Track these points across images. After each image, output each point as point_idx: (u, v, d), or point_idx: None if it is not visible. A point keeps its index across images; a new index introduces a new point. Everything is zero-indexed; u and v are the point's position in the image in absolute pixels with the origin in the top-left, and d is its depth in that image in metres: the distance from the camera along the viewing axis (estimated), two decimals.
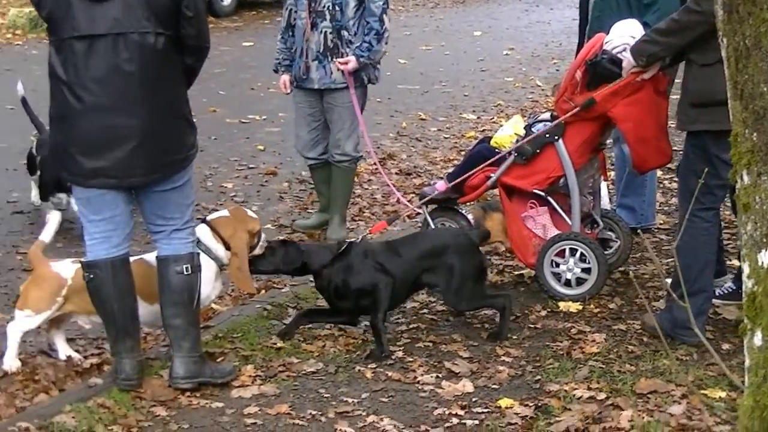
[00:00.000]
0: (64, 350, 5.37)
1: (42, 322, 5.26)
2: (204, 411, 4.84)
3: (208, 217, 5.51)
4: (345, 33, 7.07)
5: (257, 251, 5.53)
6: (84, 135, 4.76)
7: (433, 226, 6.67)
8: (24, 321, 5.22)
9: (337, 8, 7.03)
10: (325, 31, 7.07)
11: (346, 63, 7.06)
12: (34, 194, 7.82)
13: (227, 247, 5.37)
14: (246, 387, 5.04)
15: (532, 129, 6.41)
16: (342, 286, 5.58)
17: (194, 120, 5.08)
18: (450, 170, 8.50)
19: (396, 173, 9.47)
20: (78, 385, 5.05)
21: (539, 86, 13.80)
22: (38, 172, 7.67)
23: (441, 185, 6.69)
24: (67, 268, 5.25)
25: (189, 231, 5.05)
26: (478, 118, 11.94)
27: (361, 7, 7.07)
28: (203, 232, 5.36)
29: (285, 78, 7.34)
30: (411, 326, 5.87)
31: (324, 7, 7.03)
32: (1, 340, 5.38)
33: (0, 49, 15.52)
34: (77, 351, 5.49)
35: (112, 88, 4.70)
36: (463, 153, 10.09)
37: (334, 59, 7.08)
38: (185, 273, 4.96)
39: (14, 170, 8.88)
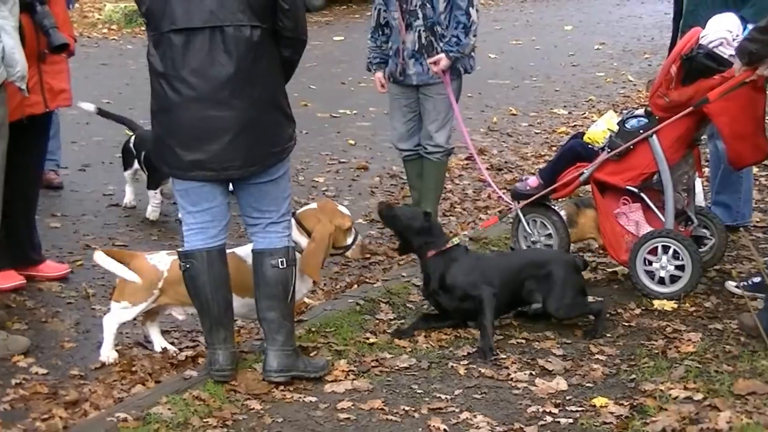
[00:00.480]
0: (159, 342, 5.44)
1: (138, 314, 5.33)
2: (297, 405, 4.86)
3: (297, 211, 5.54)
4: (438, 28, 7.05)
5: (352, 251, 5.55)
6: (182, 128, 4.81)
7: (524, 222, 6.64)
8: (120, 313, 5.30)
9: (428, 6, 7.02)
10: (419, 30, 7.06)
11: (437, 62, 7.05)
12: (129, 197, 7.93)
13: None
14: (339, 382, 5.05)
15: (626, 125, 6.33)
16: (447, 276, 5.69)
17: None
18: (541, 166, 8.49)
19: (487, 168, 9.38)
20: (173, 377, 5.10)
21: (631, 81, 13.66)
22: (134, 167, 7.77)
23: (533, 181, 6.65)
24: (163, 260, 5.32)
25: (285, 224, 5.06)
26: (569, 113, 11.85)
27: (450, 2, 7.05)
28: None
29: (379, 75, 7.34)
30: (503, 323, 5.84)
31: (415, 5, 7.02)
32: (98, 331, 5.48)
33: (96, 43, 15.77)
34: (172, 343, 5.56)
35: (209, 80, 4.73)
36: (554, 148, 10.04)
37: (429, 56, 7.07)
38: (280, 267, 4.98)
39: (110, 163, 9.01)
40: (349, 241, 5.54)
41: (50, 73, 6.05)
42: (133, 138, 7.95)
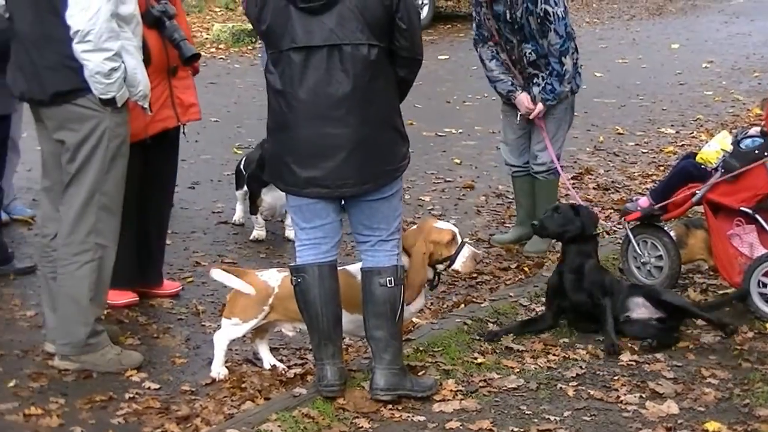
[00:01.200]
0: (268, 359, 5.48)
1: (248, 330, 5.38)
2: (406, 424, 4.86)
3: None
4: (539, 64, 7.19)
5: (459, 263, 5.46)
6: (298, 145, 4.87)
7: (634, 243, 6.57)
8: (231, 329, 5.35)
9: (530, 54, 7.15)
10: (527, 71, 7.24)
11: (532, 110, 7.17)
12: (238, 215, 8.02)
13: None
14: (447, 401, 5.04)
15: (741, 145, 6.23)
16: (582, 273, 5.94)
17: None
18: (651, 185, 8.39)
19: (593, 188, 9.36)
20: (283, 395, 5.14)
21: (740, 100, 13.42)
22: (245, 188, 7.86)
23: (644, 201, 6.58)
24: (274, 277, 5.36)
25: (394, 243, 5.07)
26: (677, 132, 11.69)
27: (546, 46, 7.11)
28: None
29: (522, 96, 7.34)
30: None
31: (515, 50, 7.19)
32: (208, 348, 5.54)
33: (204, 62, 15.88)
34: (280, 361, 5.59)
35: (326, 98, 4.79)
36: (662, 168, 9.92)
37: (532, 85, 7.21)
38: (388, 285, 4.99)
39: (218, 181, 9.12)
40: (454, 253, 5.42)
41: (180, 88, 6.15)
42: (244, 158, 8.04)
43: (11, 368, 5.39)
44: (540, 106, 7.17)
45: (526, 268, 7.19)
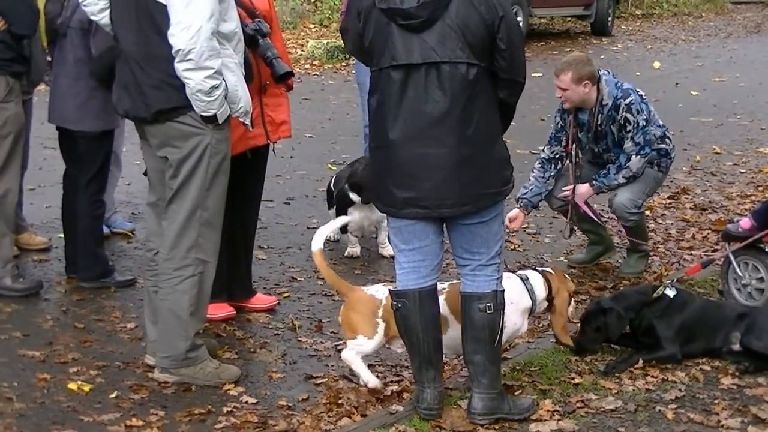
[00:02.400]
0: (366, 376, 5.48)
1: (377, 346, 5.42)
2: None
3: (541, 268, 5.78)
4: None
5: (571, 312, 5.76)
6: (397, 165, 4.86)
7: (735, 265, 6.47)
8: (361, 348, 5.37)
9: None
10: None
11: (575, 191, 7.18)
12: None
13: (548, 298, 5.57)
14: (544, 422, 5.00)
15: None
16: (651, 329, 5.82)
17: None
18: (748, 206, 8.27)
19: (690, 208, 9.26)
20: (380, 412, 5.14)
21: None
22: (334, 207, 7.90)
23: (745, 222, 6.48)
24: (381, 290, 5.40)
25: (494, 268, 5.02)
26: None
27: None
28: (535, 276, 5.58)
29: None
30: (712, 364, 5.69)
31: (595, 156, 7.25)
32: (304, 363, 5.58)
33: (299, 78, 16.09)
34: (376, 377, 5.60)
35: (423, 117, 4.77)
36: (760, 189, 9.77)
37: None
38: (487, 312, 4.96)
39: (313, 197, 9.19)
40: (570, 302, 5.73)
41: (271, 106, 6.21)
42: (333, 178, 8.08)
43: (113, 379, 5.47)
44: (587, 188, 7.14)
45: (621, 288, 7.13)
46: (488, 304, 4.95)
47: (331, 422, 5.06)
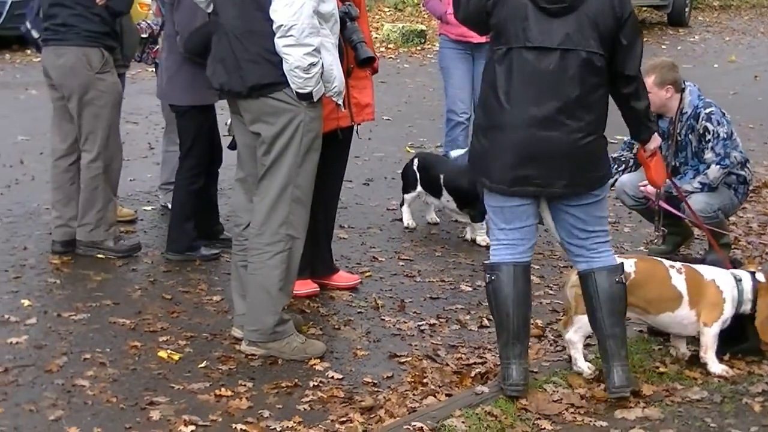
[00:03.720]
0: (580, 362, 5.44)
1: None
2: (588, 428, 4.87)
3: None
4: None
5: None
6: (515, 145, 4.93)
7: None
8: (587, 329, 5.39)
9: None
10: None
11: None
12: (407, 220, 8.01)
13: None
14: (630, 408, 5.02)
15: None
16: None
17: None
18: None
19: None
20: (465, 392, 5.18)
21: None
22: (416, 190, 7.93)
23: None
24: (627, 263, 5.39)
25: (610, 242, 5.22)
26: None
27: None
28: (746, 275, 5.57)
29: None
30: None
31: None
32: (387, 342, 5.63)
33: None
34: (459, 358, 5.65)
35: (551, 101, 4.87)
36: None
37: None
38: (622, 282, 5.12)
39: (392, 179, 9.23)
40: None
41: (357, 88, 6.26)
42: (416, 160, 8.09)
43: (201, 350, 5.57)
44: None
45: None
46: (621, 276, 5.11)
47: (416, 400, 5.11)
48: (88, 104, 6.70)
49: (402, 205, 8.10)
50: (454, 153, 8.27)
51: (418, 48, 17.03)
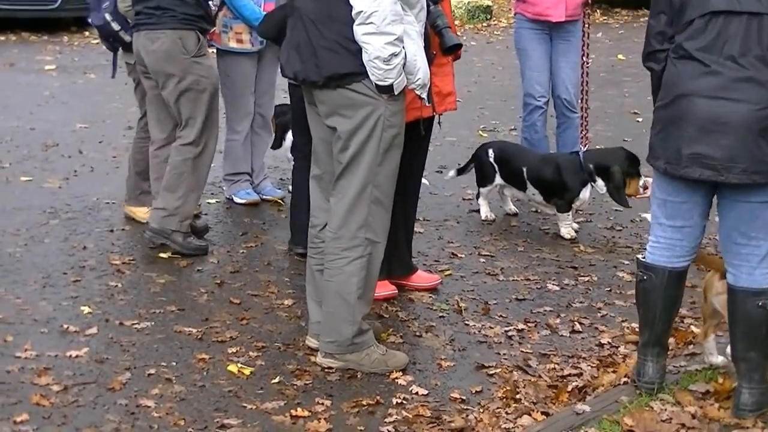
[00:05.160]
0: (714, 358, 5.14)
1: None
2: None
3: None
4: None
5: None
6: (691, 118, 4.47)
7: None
8: None
9: None
10: None
11: None
12: (485, 212, 7.60)
13: None
14: (747, 429, 4.56)
15: None
16: None
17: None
18: None
19: None
20: (563, 411, 4.73)
21: None
22: (494, 183, 7.48)
23: None
24: None
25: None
26: None
27: None
28: None
29: None
30: None
31: None
32: (473, 350, 5.23)
33: None
34: (552, 369, 5.21)
35: (737, 69, 4.40)
36: None
37: None
38: (765, 308, 4.60)
39: None
40: None
41: (438, 75, 5.78)
42: (491, 151, 7.62)
43: (273, 362, 5.16)
44: None
45: None
46: (766, 301, 4.60)
47: (510, 420, 4.67)
48: (186, 90, 6.42)
49: (478, 197, 7.68)
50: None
51: (484, 24, 16.55)
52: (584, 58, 8.19)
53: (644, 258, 4.85)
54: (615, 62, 14.41)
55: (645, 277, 4.81)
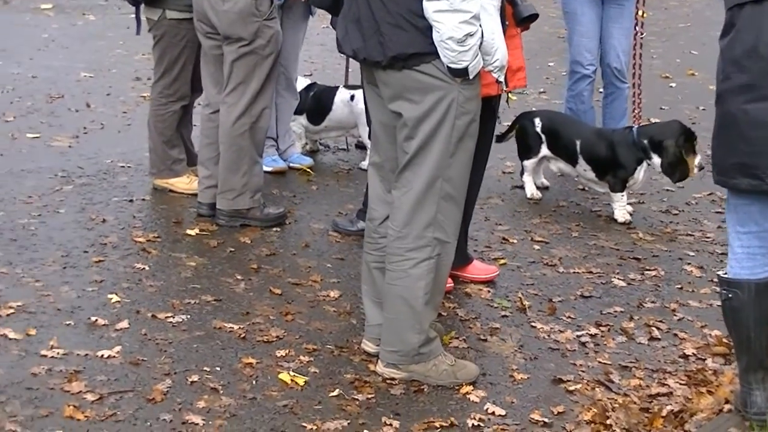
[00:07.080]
0: None
1: None
2: None
3: None
4: None
5: None
6: (739, 118, 3.93)
7: None
8: None
9: None
10: None
11: None
12: (530, 190, 7.09)
13: None
14: None
15: None
16: None
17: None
18: None
19: None
20: None
21: None
22: (539, 154, 6.97)
23: None
24: None
25: None
26: None
27: None
28: None
29: None
30: None
31: None
32: (545, 359, 4.77)
33: None
34: (638, 386, 4.68)
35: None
36: None
37: None
38: None
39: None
40: None
41: (509, 48, 5.16)
42: (538, 120, 7.08)
43: (328, 370, 4.61)
44: None
45: None
46: None
47: None
48: (251, 53, 5.93)
49: (522, 173, 7.14)
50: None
51: None
52: (637, 28, 7.58)
53: (725, 274, 4.32)
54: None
55: (730, 295, 4.26)
